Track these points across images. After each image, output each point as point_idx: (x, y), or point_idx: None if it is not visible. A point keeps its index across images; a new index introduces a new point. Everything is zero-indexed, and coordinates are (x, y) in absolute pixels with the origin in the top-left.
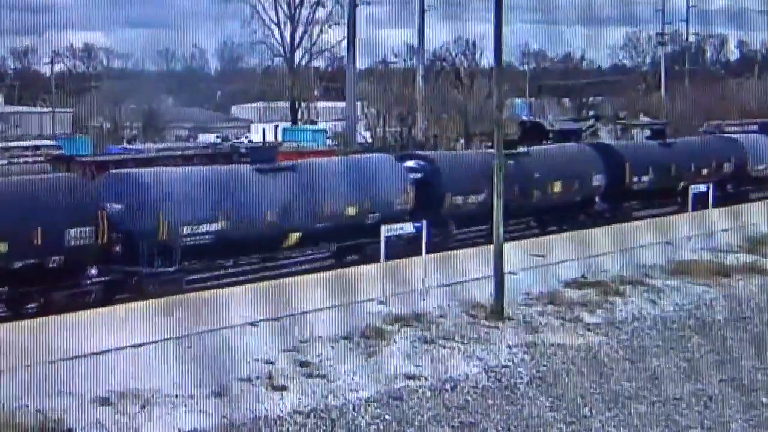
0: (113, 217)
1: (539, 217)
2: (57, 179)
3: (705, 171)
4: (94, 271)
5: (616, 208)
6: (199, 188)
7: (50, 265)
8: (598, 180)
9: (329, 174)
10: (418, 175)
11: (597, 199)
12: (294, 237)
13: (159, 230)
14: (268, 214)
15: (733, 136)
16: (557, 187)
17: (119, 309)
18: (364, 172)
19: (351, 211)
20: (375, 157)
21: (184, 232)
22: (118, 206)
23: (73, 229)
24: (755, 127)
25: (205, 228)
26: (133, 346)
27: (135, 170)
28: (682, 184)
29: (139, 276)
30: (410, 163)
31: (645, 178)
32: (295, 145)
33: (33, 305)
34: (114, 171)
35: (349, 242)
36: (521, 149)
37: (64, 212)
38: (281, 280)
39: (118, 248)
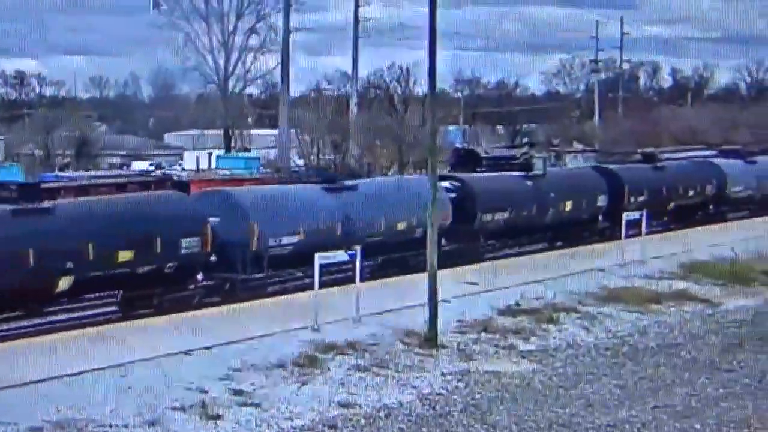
0: (212, 229)
1: (550, 234)
2: (169, 195)
3: (691, 192)
4: (200, 276)
5: (616, 226)
6: (282, 204)
7: (166, 271)
8: (602, 200)
9: (383, 193)
10: (453, 195)
11: (600, 218)
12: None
13: (251, 241)
14: (336, 228)
15: (714, 161)
16: (568, 206)
17: None
18: (411, 191)
19: (401, 226)
20: (420, 178)
21: (271, 243)
22: (215, 219)
23: (186, 239)
24: (691, 154)
25: (287, 240)
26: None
27: (229, 188)
28: (672, 204)
29: (232, 282)
30: (446, 184)
31: (640, 199)
32: (228, 172)
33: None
34: (209, 188)
35: (396, 254)
36: (537, 171)
37: (179, 224)
38: (218, 308)
39: (213, 257)
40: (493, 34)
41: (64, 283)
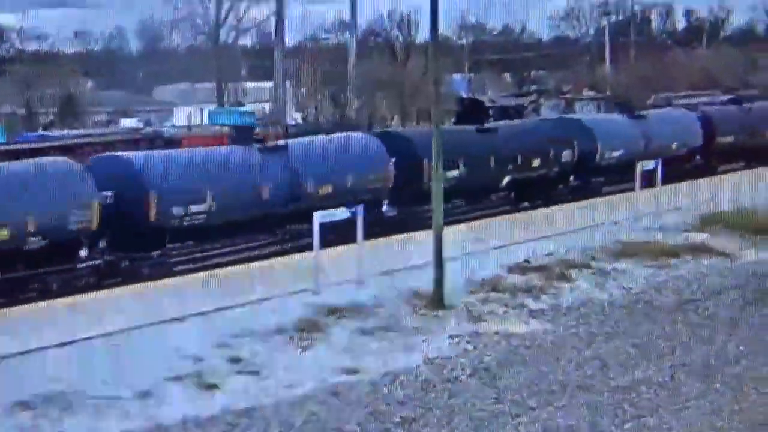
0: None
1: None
2: (556, 121)
3: None
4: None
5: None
6: (613, 129)
7: (551, 175)
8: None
9: (666, 121)
10: (699, 122)
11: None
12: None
13: (597, 154)
14: (640, 146)
15: None
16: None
17: None
18: (679, 121)
19: (674, 146)
20: (680, 110)
21: (606, 156)
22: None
23: (564, 151)
24: (708, 99)
25: (615, 154)
26: None
27: (582, 116)
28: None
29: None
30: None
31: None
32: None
33: None
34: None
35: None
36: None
37: (559, 142)
38: (213, 271)
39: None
40: None
41: (504, 180)
